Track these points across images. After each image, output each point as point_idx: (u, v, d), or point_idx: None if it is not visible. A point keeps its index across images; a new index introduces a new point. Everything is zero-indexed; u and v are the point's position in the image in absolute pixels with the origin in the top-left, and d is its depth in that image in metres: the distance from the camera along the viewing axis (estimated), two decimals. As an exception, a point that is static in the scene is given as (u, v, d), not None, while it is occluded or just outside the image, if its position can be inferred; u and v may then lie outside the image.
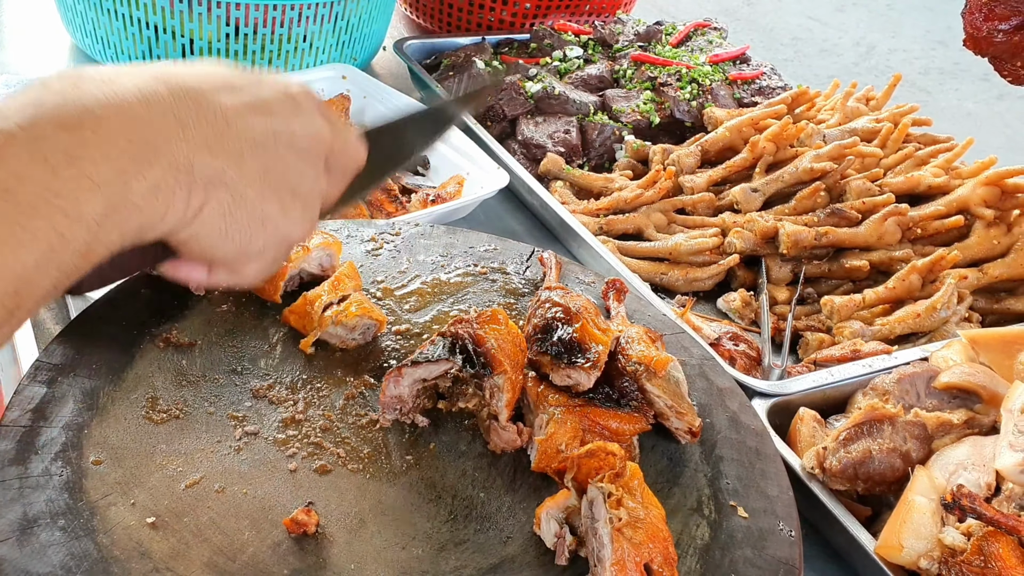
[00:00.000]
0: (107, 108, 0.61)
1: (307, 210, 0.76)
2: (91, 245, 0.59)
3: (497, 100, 1.90)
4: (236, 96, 0.70)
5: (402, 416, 0.99)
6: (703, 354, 1.18)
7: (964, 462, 1.08)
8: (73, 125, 0.59)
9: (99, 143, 0.59)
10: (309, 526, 0.84)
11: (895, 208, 1.62)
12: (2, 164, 0.55)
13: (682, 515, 0.94)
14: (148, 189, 0.62)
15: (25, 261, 0.56)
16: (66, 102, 0.59)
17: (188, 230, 0.67)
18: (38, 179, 0.56)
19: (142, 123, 0.62)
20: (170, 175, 0.63)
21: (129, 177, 0.60)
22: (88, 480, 0.84)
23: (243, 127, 0.69)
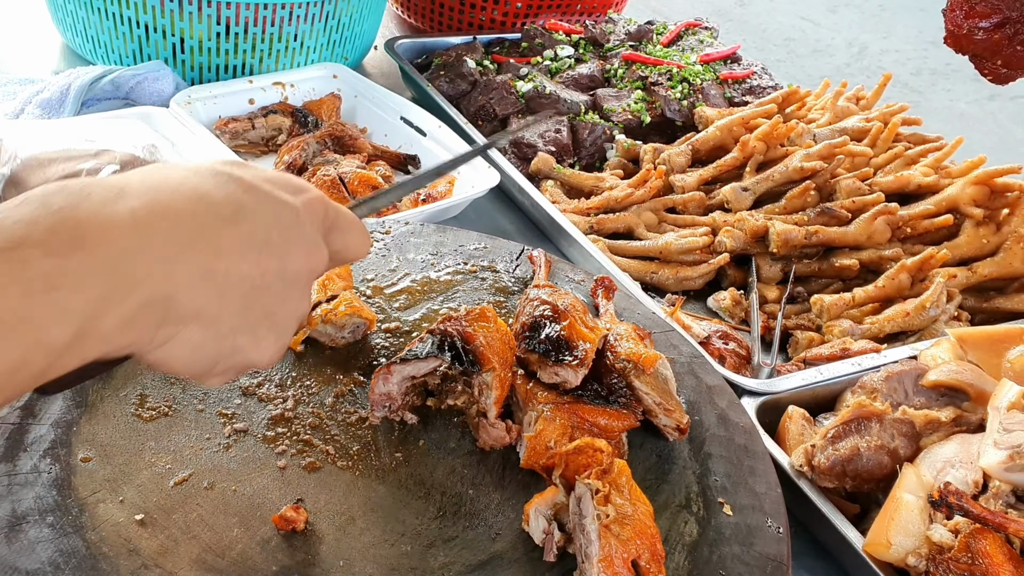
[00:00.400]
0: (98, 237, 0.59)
1: (280, 337, 0.73)
2: (49, 369, 0.58)
3: (488, 99, 1.90)
4: (236, 228, 0.67)
5: (391, 413, 0.99)
6: (693, 352, 1.19)
7: (952, 459, 1.08)
8: (61, 252, 0.57)
9: (81, 274, 0.57)
10: (298, 523, 0.84)
11: (885, 207, 1.63)
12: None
13: (671, 512, 0.95)
14: (119, 324, 0.60)
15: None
16: (61, 223, 0.58)
17: (150, 355, 0.66)
18: (13, 303, 0.54)
19: (129, 256, 0.60)
20: (145, 311, 0.61)
21: (104, 311, 0.59)
22: (77, 477, 0.84)
23: (232, 264, 0.67)
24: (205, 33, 1.77)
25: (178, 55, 1.80)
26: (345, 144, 1.68)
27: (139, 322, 0.61)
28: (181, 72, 1.82)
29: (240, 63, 1.84)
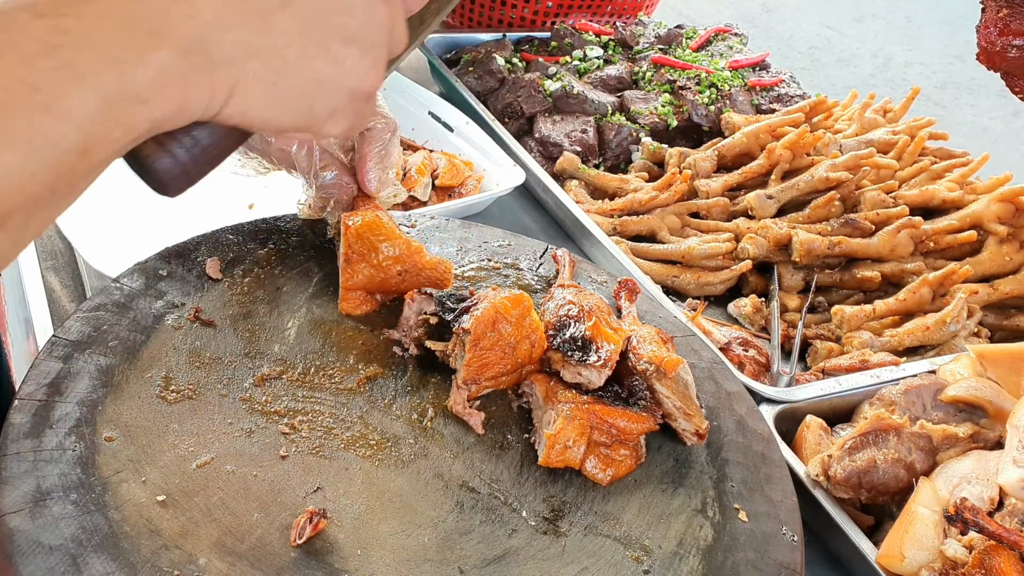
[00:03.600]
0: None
1: (367, 52, 0.67)
2: (88, 143, 0.53)
3: (516, 97, 1.91)
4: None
5: (403, 336, 1.06)
6: (713, 358, 1.19)
7: (968, 475, 1.08)
8: (50, 11, 0.51)
9: (82, 30, 0.52)
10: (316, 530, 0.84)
11: (908, 220, 1.62)
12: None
13: (686, 516, 0.95)
14: (152, 79, 0.54)
15: (8, 163, 0.50)
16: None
17: (229, 111, 0.60)
18: (11, 72, 0.49)
19: (135, 3, 0.55)
20: (179, 59, 0.55)
21: (125, 67, 0.53)
22: (101, 456, 0.85)
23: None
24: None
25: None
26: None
27: (177, 73, 0.56)
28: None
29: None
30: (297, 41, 0.62)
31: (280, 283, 1.12)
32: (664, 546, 0.91)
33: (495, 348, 1.00)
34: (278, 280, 1.12)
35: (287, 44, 0.61)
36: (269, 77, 0.61)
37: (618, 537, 0.91)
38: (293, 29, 0.61)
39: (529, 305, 1.03)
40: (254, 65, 0.60)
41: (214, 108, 0.59)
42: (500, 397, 1.04)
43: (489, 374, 1.01)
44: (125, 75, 0.53)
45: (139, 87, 0.54)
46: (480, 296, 1.04)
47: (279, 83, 0.62)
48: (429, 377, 1.05)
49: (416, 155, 1.61)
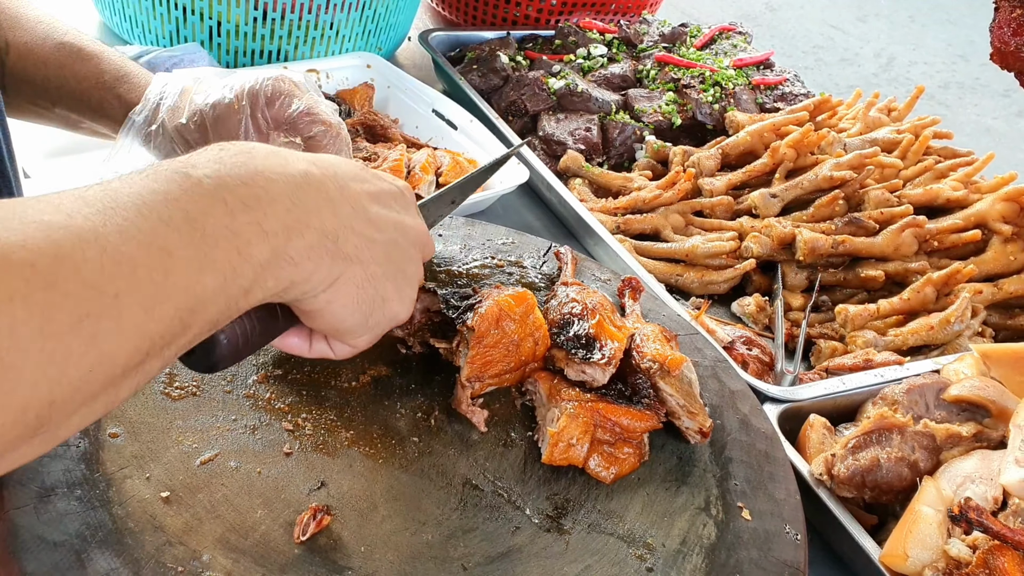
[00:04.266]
0: (275, 175, 0.70)
1: (412, 292, 0.85)
2: (253, 285, 0.66)
3: (520, 95, 1.91)
4: (365, 186, 0.80)
5: (406, 334, 1.06)
6: (716, 356, 1.19)
7: (972, 475, 1.08)
8: (249, 183, 0.67)
9: (269, 201, 0.68)
10: (320, 526, 0.84)
11: (913, 220, 1.62)
12: (193, 202, 0.63)
13: (690, 514, 0.95)
14: (304, 248, 0.70)
15: (206, 284, 0.62)
16: (244, 164, 0.68)
17: (324, 296, 0.74)
18: (220, 218, 0.64)
19: (302, 192, 0.71)
20: (321, 241, 0.71)
21: (292, 233, 0.69)
22: (105, 452, 0.85)
23: (374, 213, 0.79)
24: (242, 17, 1.78)
25: (214, 38, 1.81)
26: (377, 134, 1.69)
27: (318, 249, 0.71)
28: (217, 55, 1.83)
29: (275, 48, 1.85)
30: (383, 264, 0.79)
31: (284, 280, 1.12)
32: (668, 544, 0.91)
33: (499, 346, 1.00)
34: (282, 277, 1.12)
35: (378, 264, 0.79)
36: (361, 281, 0.77)
37: (621, 535, 0.91)
38: (383, 255, 0.79)
39: (533, 303, 1.03)
40: (357, 267, 0.76)
41: (322, 288, 0.74)
42: (504, 395, 1.04)
43: (493, 372, 1.01)
44: (291, 240, 0.69)
45: (295, 251, 0.69)
46: (484, 294, 1.04)
47: (364, 288, 0.78)
48: (433, 375, 1.05)
49: (420, 153, 1.61)
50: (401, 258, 0.82)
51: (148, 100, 1.06)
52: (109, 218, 0.57)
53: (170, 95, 1.06)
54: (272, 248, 0.67)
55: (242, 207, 0.65)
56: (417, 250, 0.86)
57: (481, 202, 1.59)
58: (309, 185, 0.72)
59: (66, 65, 1.06)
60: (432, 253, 0.92)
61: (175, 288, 0.60)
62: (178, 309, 0.60)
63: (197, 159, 0.67)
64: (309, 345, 0.86)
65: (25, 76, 1.06)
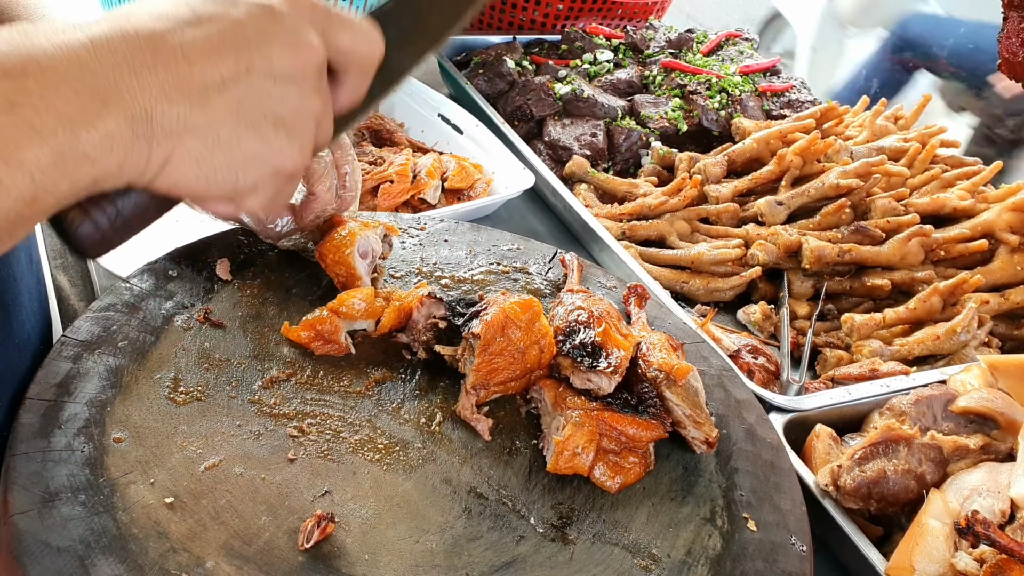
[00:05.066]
0: (53, 58, 0.59)
1: (295, 136, 0.72)
2: (36, 194, 0.59)
3: (525, 100, 1.91)
4: (201, 30, 0.66)
5: (411, 340, 1.05)
6: (722, 365, 1.18)
7: (979, 487, 1.07)
8: (15, 73, 0.57)
9: (42, 92, 0.58)
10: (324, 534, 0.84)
11: (919, 229, 1.62)
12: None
13: (695, 524, 0.95)
14: (100, 140, 0.60)
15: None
16: (11, 50, 0.58)
17: (161, 179, 0.66)
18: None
19: (90, 73, 0.60)
20: (125, 126, 0.61)
21: (77, 127, 0.59)
22: (109, 457, 0.85)
23: (207, 66, 0.66)
24: (248, 20, 1.78)
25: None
26: (383, 138, 1.69)
27: (122, 138, 0.62)
28: (223, 58, 1.83)
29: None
30: (230, 121, 0.67)
31: (290, 285, 1.12)
32: (673, 555, 0.91)
33: (504, 353, 1.00)
34: (288, 282, 1.12)
35: (222, 123, 0.67)
36: (201, 152, 0.67)
37: (626, 545, 0.91)
38: (229, 110, 0.67)
39: (539, 310, 1.02)
40: (189, 140, 0.66)
41: (149, 174, 0.65)
42: (509, 402, 1.04)
43: (498, 379, 1.00)
44: (77, 135, 0.59)
45: (87, 147, 0.60)
46: (489, 301, 1.03)
47: (208, 159, 0.67)
48: (438, 381, 1.04)
49: (426, 157, 1.61)
50: (264, 102, 0.69)
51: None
52: None
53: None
54: (53, 149, 0.58)
55: (4, 107, 0.56)
56: (297, 83, 0.71)
57: (486, 207, 1.59)
58: (102, 62, 0.61)
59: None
60: (372, 55, 0.78)
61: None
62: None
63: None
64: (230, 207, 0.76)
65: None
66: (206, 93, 0.66)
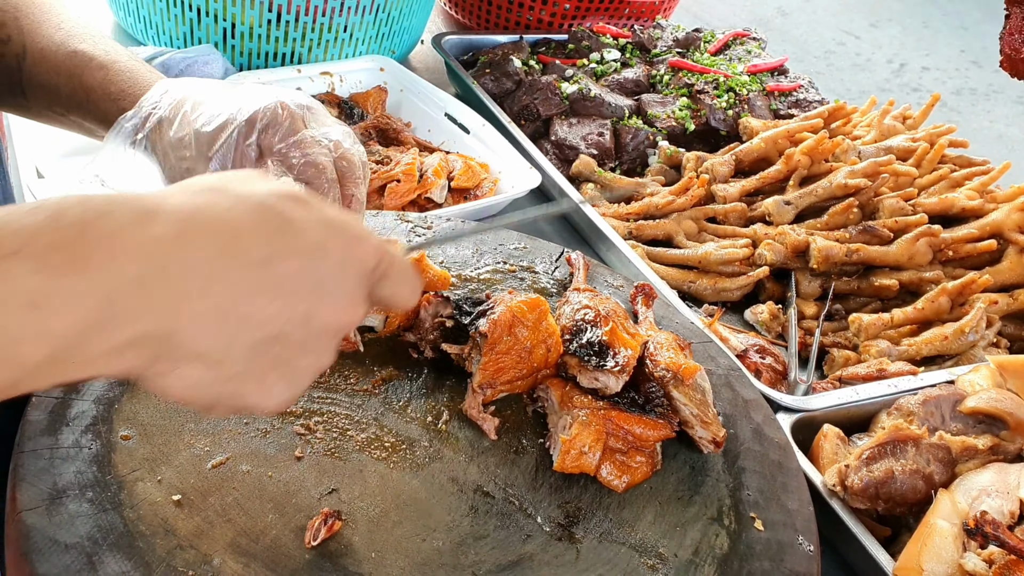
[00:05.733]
0: (104, 262, 0.56)
1: (292, 387, 0.67)
2: (18, 383, 0.56)
3: (532, 100, 1.90)
4: (261, 273, 0.62)
5: (418, 339, 1.05)
6: (730, 365, 1.18)
7: (988, 488, 1.07)
8: (54, 271, 0.54)
9: (70, 298, 0.54)
10: (331, 531, 0.84)
11: (927, 229, 1.61)
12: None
13: (702, 524, 0.94)
14: (105, 353, 0.57)
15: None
16: (66, 242, 0.55)
17: (147, 383, 0.62)
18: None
19: (132, 286, 0.56)
20: (138, 345, 0.58)
21: (89, 339, 0.56)
22: (117, 455, 0.85)
23: (251, 311, 0.61)
24: (256, 19, 1.78)
25: (228, 40, 1.81)
26: (389, 137, 1.69)
27: (130, 355, 0.58)
28: (231, 57, 1.83)
29: (289, 51, 1.85)
30: (242, 363, 0.63)
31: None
32: (680, 554, 0.91)
33: (511, 352, 1.00)
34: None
35: (232, 363, 0.63)
36: (199, 380, 0.62)
37: (633, 544, 0.91)
38: (245, 354, 0.63)
39: (546, 309, 1.02)
40: (195, 366, 0.61)
41: (136, 377, 0.61)
42: (515, 401, 1.04)
43: (504, 378, 1.00)
44: (83, 346, 0.56)
45: (93, 354, 0.56)
46: (496, 299, 1.03)
47: (203, 387, 0.63)
48: (444, 380, 1.04)
49: (432, 157, 1.61)
50: (288, 352, 0.65)
51: (141, 107, 0.99)
52: None
53: (164, 106, 0.98)
54: (50, 352, 0.55)
55: (24, 301, 0.53)
56: (323, 341, 0.67)
57: (493, 206, 1.59)
58: (163, 271, 0.57)
59: (75, 75, 1.02)
60: (407, 302, 0.75)
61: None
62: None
63: (16, 221, 0.54)
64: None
65: (40, 82, 1.04)
66: (236, 335, 0.62)
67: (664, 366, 1.02)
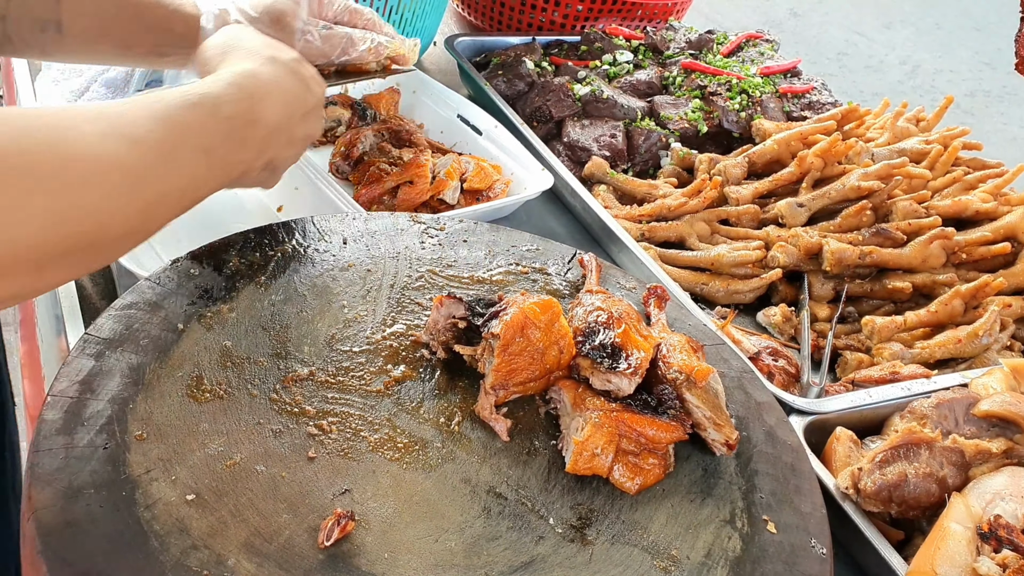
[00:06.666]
0: (258, 127, 1.00)
1: (302, 146, 1.13)
2: (203, 187, 0.95)
3: (545, 101, 1.91)
4: (304, 115, 1.08)
5: (431, 340, 1.06)
6: (742, 367, 1.18)
7: (1001, 492, 1.07)
8: (244, 131, 0.98)
9: (249, 140, 0.99)
10: (344, 532, 0.84)
11: (941, 231, 1.61)
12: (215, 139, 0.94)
13: (715, 526, 0.94)
14: (261, 167, 1.05)
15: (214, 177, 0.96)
16: (248, 111, 0.98)
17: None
18: (222, 150, 0.96)
19: (267, 139, 1.02)
20: (267, 166, 1.06)
21: (254, 162, 1.02)
22: (131, 454, 0.86)
23: (297, 137, 1.09)
24: (270, 21, 1.79)
25: (242, 41, 1.81)
26: (402, 138, 1.69)
27: (264, 169, 1.05)
28: (244, 58, 1.84)
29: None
30: (286, 150, 1.09)
31: (310, 285, 1.12)
32: (692, 556, 0.90)
33: (523, 354, 1.00)
34: (309, 282, 1.13)
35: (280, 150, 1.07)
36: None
37: (646, 547, 0.91)
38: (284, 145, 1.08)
39: (558, 311, 1.02)
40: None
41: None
42: (528, 403, 1.04)
43: (517, 379, 1.00)
44: (253, 163, 1.02)
45: (256, 168, 1.04)
46: (509, 301, 1.03)
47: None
48: (457, 381, 1.05)
49: (445, 158, 1.61)
50: (294, 146, 1.10)
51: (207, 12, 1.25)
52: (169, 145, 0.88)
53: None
54: (245, 167, 1.00)
55: (237, 143, 0.96)
56: (307, 142, 1.13)
57: (505, 208, 1.59)
58: (277, 130, 1.03)
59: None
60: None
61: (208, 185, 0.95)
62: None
63: (227, 96, 0.95)
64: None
65: (81, 10, 1.18)
66: (289, 145, 1.08)
67: (677, 368, 1.02)
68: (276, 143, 1.03)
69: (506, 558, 0.86)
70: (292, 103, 1.04)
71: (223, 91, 0.95)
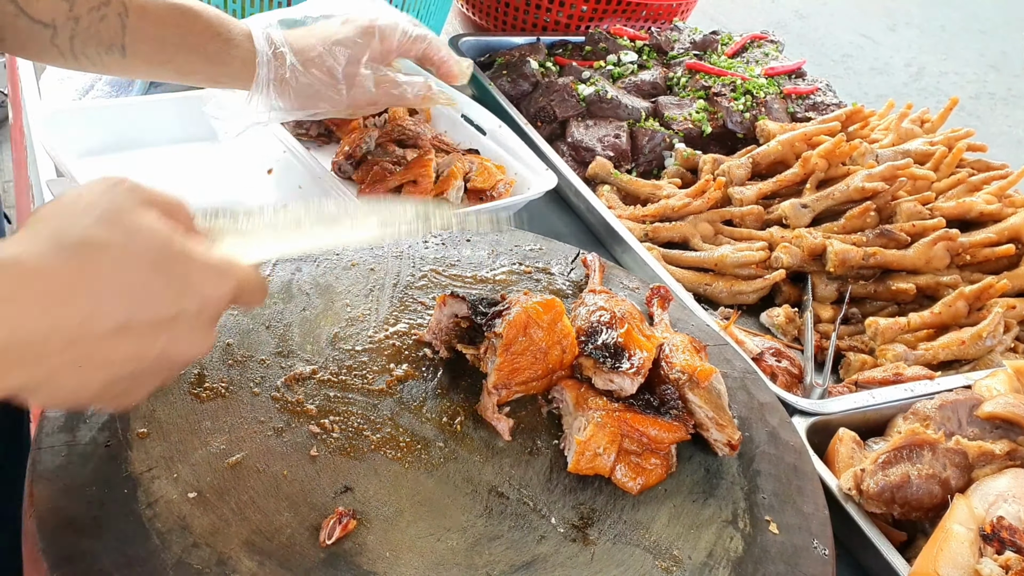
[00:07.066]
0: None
1: (143, 392, 0.73)
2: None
3: (549, 101, 1.91)
4: (116, 328, 0.65)
5: (433, 338, 1.06)
6: (745, 368, 1.18)
7: (1004, 493, 1.06)
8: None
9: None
10: (345, 530, 0.84)
11: (945, 233, 1.60)
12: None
13: (716, 527, 0.94)
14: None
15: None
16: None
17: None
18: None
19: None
20: (10, 392, 0.63)
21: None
22: (133, 452, 0.86)
23: (110, 357, 0.67)
24: (274, 20, 1.79)
25: (246, 40, 1.82)
26: (406, 142, 1.69)
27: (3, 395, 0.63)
28: (248, 57, 1.84)
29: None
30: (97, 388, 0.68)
31: (313, 283, 1.12)
32: (694, 557, 0.90)
33: (526, 353, 1.00)
34: (311, 281, 1.13)
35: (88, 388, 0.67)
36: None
37: (647, 546, 0.90)
38: (98, 386, 0.68)
39: (561, 310, 1.02)
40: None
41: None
42: (530, 402, 1.04)
43: (520, 379, 1.00)
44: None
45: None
46: (512, 300, 1.03)
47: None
48: (459, 380, 1.05)
49: (448, 158, 1.61)
50: (139, 378, 0.70)
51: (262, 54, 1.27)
52: None
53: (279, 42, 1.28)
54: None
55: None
56: (176, 366, 0.72)
57: (509, 207, 1.59)
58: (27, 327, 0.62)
59: (182, 24, 1.22)
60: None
61: None
62: None
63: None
64: None
65: (145, 35, 1.20)
66: (95, 373, 0.66)
67: (679, 368, 1.02)
68: (53, 362, 0.63)
69: (508, 557, 0.86)
70: (98, 304, 0.64)
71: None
